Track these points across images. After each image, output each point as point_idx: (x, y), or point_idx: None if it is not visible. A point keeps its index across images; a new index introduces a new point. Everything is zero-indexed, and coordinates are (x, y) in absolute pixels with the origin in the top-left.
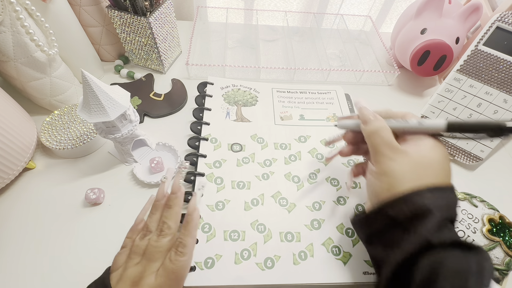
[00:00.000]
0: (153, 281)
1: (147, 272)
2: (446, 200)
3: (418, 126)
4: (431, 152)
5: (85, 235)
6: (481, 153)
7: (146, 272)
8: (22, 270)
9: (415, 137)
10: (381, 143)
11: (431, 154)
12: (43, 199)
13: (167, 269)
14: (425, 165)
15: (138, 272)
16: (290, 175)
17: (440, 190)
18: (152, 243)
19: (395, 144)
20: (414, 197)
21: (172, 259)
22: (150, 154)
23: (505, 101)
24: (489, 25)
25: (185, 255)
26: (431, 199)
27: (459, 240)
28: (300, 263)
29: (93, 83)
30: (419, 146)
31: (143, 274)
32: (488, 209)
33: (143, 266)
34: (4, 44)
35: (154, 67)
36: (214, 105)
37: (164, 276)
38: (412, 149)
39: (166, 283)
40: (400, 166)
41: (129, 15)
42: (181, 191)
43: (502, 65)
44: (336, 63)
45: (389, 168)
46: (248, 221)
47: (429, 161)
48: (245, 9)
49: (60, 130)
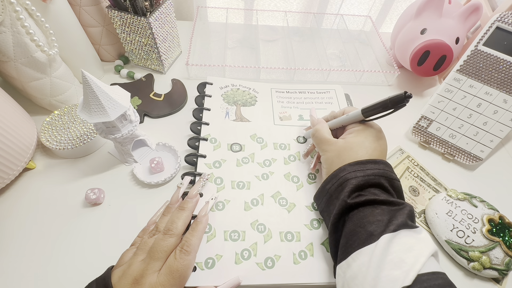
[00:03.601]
0: (155, 279)
1: (149, 270)
2: (364, 171)
3: (346, 119)
4: (354, 137)
5: (85, 235)
6: (481, 153)
7: (149, 271)
8: (22, 270)
9: (349, 127)
10: (319, 140)
11: (354, 138)
12: (43, 199)
13: (171, 267)
14: (347, 148)
15: (140, 269)
16: (290, 175)
17: (360, 164)
18: (157, 241)
19: (328, 139)
20: (339, 172)
21: (177, 257)
22: (150, 154)
23: (505, 101)
24: (489, 25)
25: (189, 254)
26: (350, 171)
27: (376, 198)
28: (300, 263)
29: (93, 83)
30: (348, 134)
31: (145, 272)
32: (488, 209)
33: (146, 263)
34: (4, 44)
35: (154, 67)
36: (214, 105)
37: (167, 275)
38: (342, 139)
39: (169, 282)
40: (331, 154)
41: (129, 15)
42: (197, 198)
43: (502, 65)
44: (336, 63)
45: (325, 158)
46: (248, 221)
47: (351, 144)
48: (245, 9)
49: (60, 130)
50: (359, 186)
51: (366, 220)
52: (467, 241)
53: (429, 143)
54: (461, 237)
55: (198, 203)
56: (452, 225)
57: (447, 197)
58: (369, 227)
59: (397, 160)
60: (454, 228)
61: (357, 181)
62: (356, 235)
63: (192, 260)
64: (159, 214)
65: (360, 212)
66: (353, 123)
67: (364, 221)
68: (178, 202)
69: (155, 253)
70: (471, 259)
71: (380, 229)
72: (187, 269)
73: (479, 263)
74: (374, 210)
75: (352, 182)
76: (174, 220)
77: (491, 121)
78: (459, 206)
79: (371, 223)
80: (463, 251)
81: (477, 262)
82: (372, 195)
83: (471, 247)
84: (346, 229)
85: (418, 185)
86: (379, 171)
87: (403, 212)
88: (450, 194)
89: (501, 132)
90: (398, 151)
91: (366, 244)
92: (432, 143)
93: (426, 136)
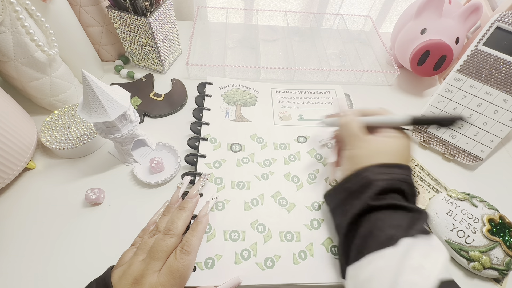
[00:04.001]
0: (155, 279)
1: (149, 270)
2: (390, 175)
3: (388, 120)
4: (388, 140)
5: (85, 235)
6: (481, 153)
7: (149, 271)
8: (22, 270)
9: (383, 130)
10: (350, 134)
11: (387, 141)
12: (43, 199)
13: (172, 267)
14: (379, 150)
15: (141, 269)
16: (290, 175)
17: (386, 167)
18: (158, 241)
19: (360, 134)
20: (363, 172)
21: (178, 257)
22: (150, 154)
23: (505, 101)
24: (489, 25)
25: (190, 254)
26: (375, 173)
27: (396, 203)
28: (300, 263)
29: (93, 83)
30: (380, 136)
31: (145, 272)
32: (488, 209)
33: (146, 263)
34: (4, 44)
35: (154, 67)
36: (214, 105)
37: (168, 275)
38: (374, 138)
39: (169, 282)
40: (360, 151)
41: (129, 15)
42: (197, 198)
43: (502, 65)
44: (336, 63)
45: (352, 153)
46: (248, 221)
47: (383, 146)
48: (245, 9)
49: (60, 130)
50: (384, 189)
51: (386, 224)
52: (467, 241)
53: (429, 143)
54: (461, 237)
55: (198, 203)
56: (452, 225)
57: (447, 197)
58: (388, 231)
59: None
60: (454, 228)
61: (383, 184)
62: (374, 237)
63: (193, 260)
64: (159, 214)
65: (380, 214)
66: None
67: (384, 224)
68: (178, 202)
69: (156, 253)
70: (471, 259)
71: (400, 233)
72: (187, 269)
73: (479, 263)
74: (394, 214)
75: (378, 185)
76: (174, 220)
77: (491, 121)
78: (459, 206)
79: (391, 227)
80: (463, 251)
81: (477, 262)
82: (393, 199)
83: (471, 247)
84: (362, 230)
85: (418, 185)
86: (403, 176)
87: (422, 218)
88: (450, 194)
89: (501, 132)
90: None
91: (384, 247)
92: (432, 143)
93: (426, 136)
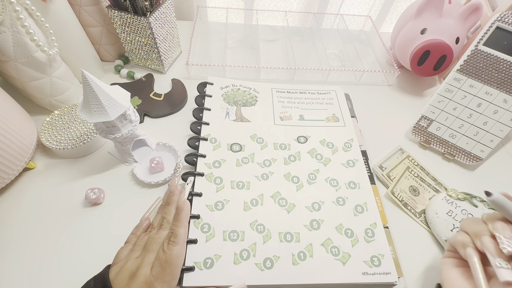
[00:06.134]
0: (148, 272)
1: (144, 263)
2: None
3: None
4: None
5: (85, 235)
6: (481, 153)
7: (144, 263)
8: (22, 269)
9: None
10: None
11: None
12: (43, 199)
13: (161, 259)
14: None
15: (137, 264)
16: (290, 175)
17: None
18: (151, 235)
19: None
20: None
21: (165, 249)
22: (150, 154)
23: (505, 101)
24: (489, 25)
25: (177, 244)
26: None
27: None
28: (300, 264)
29: (93, 83)
30: None
31: (140, 265)
32: (488, 209)
33: (142, 257)
34: (4, 44)
35: (154, 67)
36: (214, 105)
37: (158, 267)
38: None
39: (161, 273)
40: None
41: (129, 15)
42: (178, 189)
43: (502, 65)
44: (336, 63)
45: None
46: (248, 221)
47: None
48: (245, 9)
49: (60, 130)
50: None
51: None
52: None
53: (429, 143)
54: None
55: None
56: (452, 225)
57: (447, 197)
58: None
59: (397, 160)
60: (454, 228)
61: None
62: None
63: (182, 249)
64: (151, 210)
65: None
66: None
67: None
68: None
69: (149, 246)
70: None
71: None
72: (176, 258)
73: None
74: None
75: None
76: (164, 216)
77: (491, 121)
78: (459, 206)
79: None
80: None
81: None
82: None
83: None
84: None
85: (418, 185)
86: None
87: None
88: (450, 194)
89: (501, 132)
90: (398, 151)
91: None
92: (432, 143)
93: (426, 136)
